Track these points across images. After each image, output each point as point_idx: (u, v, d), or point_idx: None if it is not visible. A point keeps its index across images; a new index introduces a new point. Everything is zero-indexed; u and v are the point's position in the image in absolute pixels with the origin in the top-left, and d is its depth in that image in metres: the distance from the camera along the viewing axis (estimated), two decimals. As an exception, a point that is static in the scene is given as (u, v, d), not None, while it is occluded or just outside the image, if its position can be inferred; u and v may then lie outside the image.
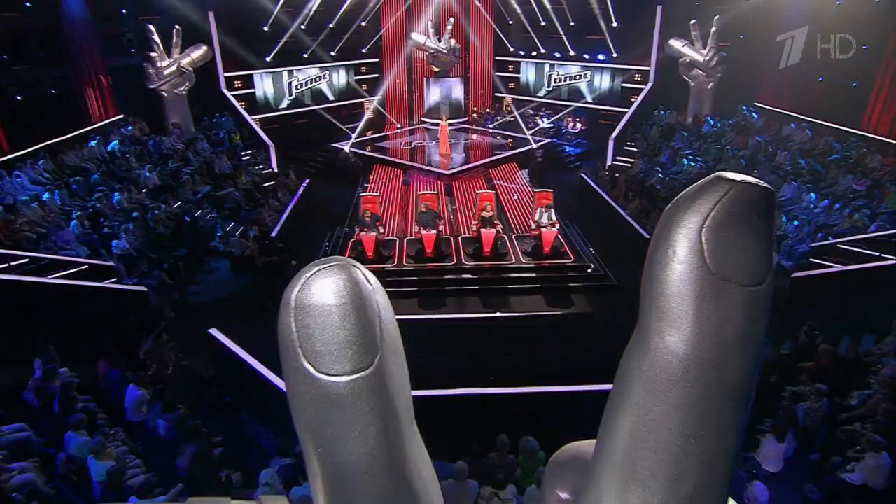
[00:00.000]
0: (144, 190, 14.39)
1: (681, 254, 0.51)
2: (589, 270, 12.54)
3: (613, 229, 14.59)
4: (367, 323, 0.54)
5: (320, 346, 0.53)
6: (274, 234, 13.88)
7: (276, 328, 0.54)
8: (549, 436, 7.07)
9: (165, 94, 17.56)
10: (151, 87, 17.24)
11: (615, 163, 18.89)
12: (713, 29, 17.28)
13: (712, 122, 17.70)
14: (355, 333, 0.54)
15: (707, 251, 0.50)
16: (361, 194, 14.17)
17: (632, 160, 18.11)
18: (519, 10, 22.18)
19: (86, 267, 10.29)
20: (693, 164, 16.01)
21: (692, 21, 17.65)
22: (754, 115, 17.35)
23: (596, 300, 11.75)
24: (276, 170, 18.63)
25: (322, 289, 0.54)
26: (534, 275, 12.48)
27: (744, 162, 15.07)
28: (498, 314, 11.19)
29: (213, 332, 9.17)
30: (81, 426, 6.17)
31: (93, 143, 15.00)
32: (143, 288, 10.07)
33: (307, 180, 17.34)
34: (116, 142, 15.49)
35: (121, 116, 17.24)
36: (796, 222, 12.06)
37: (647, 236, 13.34)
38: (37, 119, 14.50)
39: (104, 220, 12.52)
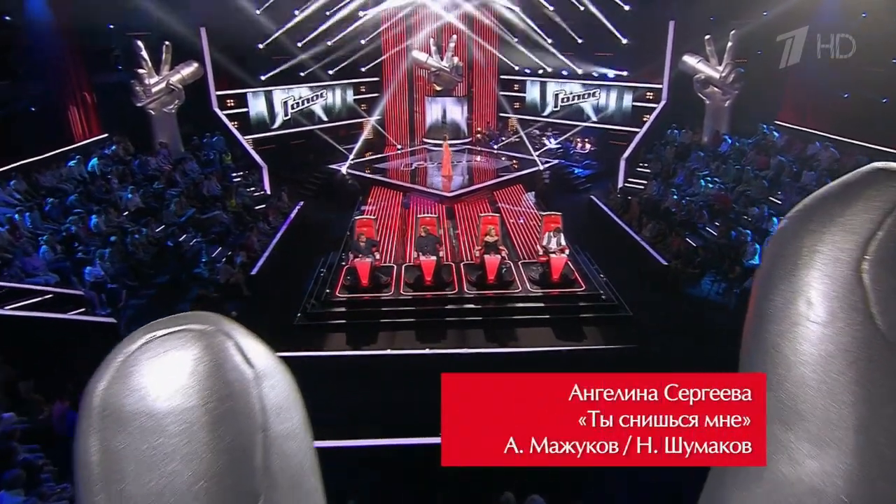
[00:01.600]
0: (126, 213, 13.82)
1: (821, 306, 0.30)
2: (602, 300, 11.83)
3: (627, 255, 14.01)
4: (235, 447, 0.30)
5: (140, 494, 0.29)
6: (263, 259, 13.28)
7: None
8: (559, 494, 6.36)
9: (153, 113, 17.14)
10: (139, 105, 16.84)
11: (627, 185, 18.35)
12: (729, 44, 16.80)
13: (730, 141, 17.13)
14: (209, 468, 0.29)
15: (874, 301, 0.30)
16: (356, 217, 13.56)
17: (645, 182, 17.60)
18: (525, 28, 21.84)
19: (50, 296, 9.61)
20: (711, 185, 15.40)
21: (707, 36, 17.21)
22: (775, 133, 16.75)
23: (610, 333, 11.02)
24: (268, 192, 18.12)
25: (151, 380, 0.31)
26: (542, 305, 11.80)
27: (766, 183, 14.46)
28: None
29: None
30: (18, 484, 5.44)
31: (72, 162, 14.46)
32: (111, 320, 9.35)
33: (301, 203, 16.86)
34: (95, 159, 14.92)
35: (105, 135, 16.73)
36: (827, 248, 11.32)
37: (664, 262, 12.78)
38: (14, 137, 13.97)
39: (78, 245, 11.90)
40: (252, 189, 17.80)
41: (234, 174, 17.95)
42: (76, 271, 11.01)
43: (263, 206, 16.33)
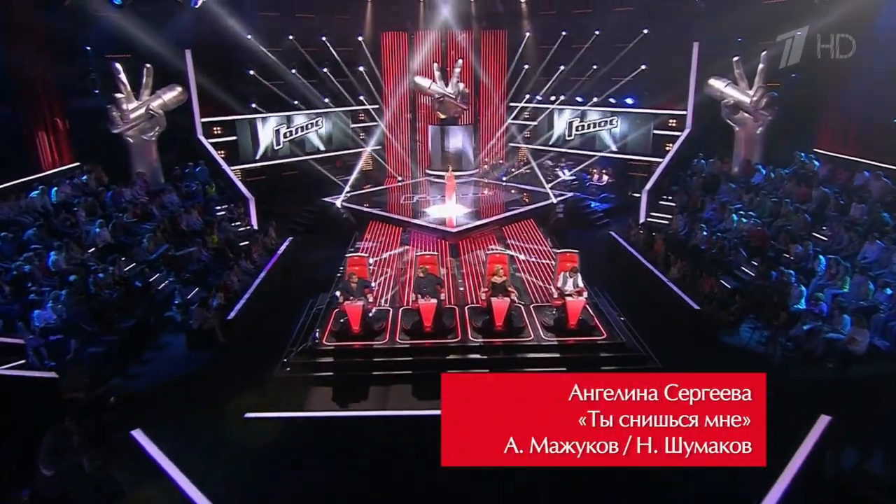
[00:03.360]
0: (92, 249, 12.97)
1: None
2: (626, 349, 10.78)
3: (652, 298, 13.16)
4: None
5: None
6: (242, 302, 12.35)
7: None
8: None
9: (131, 140, 16.61)
10: (115, 131, 16.25)
11: (650, 219, 17.62)
12: (760, 66, 16.16)
13: (764, 172, 16.24)
14: None
15: None
16: (347, 255, 12.65)
17: (669, 216, 16.80)
18: (535, 51, 21.46)
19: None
20: (745, 219, 14.43)
21: (735, 58, 16.57)
22: (815, 162, 15.86)
23: (637, 389, 9.90)
24: (255, 227, 17.37)
25: None
26: (557, 355, 10.74)
27: (809, 217, 13.46)
28: None
29: (137, 434, 7.44)
30: None
31: (34, 193, 13.70)
32: (51, 374, 8.35)
33: (289, 239, 16.08)
34: (54, 189, 14.18)
35: (76, 164, 16.08)
36: (889, 291, 10.28)
37: (695, 306, 11.76)
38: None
39: (32, 285, 11.00)
40: (237, 223, 17.02)
41: (218, 207, 17.25)
42: (24, 315, 10.05)
43: (246, 242, 15.44)
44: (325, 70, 21.02)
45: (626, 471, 5.64)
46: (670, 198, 17.82)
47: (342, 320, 11.18)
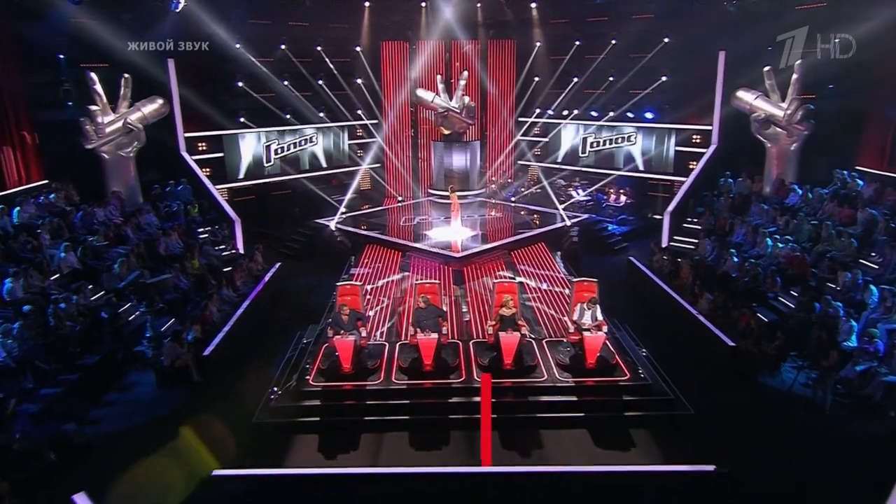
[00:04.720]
0: (56, 276, 12.24)
1: None
2: (653, 393, 9.91)
3: (680, 333, 12.41)
4: None
5: None
6: (221, 335, 11.63)
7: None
8: None
9: (107, 156, 16.05)
10: (89, 147, 15.68)
11: (673, 244, 17.03)
12: (794, 76, 15.52)
13: (801, 192, 15.52)
14: None
15: None
16: (338, 283, 11.90)
17: (695, 240, 16.19)
18: (546, 61, 21.25)
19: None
20: (781, 244, 13.66)
21: (766, 68, 15.99)
22: (859, 181, 15.11)
23: (668, 440, 9.03)
24: (241, 250, 16.71)
25: None
26: (574, 398, 9.88)
27: (855, 242, 12.64)
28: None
29: (80, 499, 6.58)
30: None
31: (-6, 214, 13.05)
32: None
33: (278, 264, 15.51)
34: (17, 209, 13.53)
35: (45, 182, 15.56)
36: (956, 327, 9.45)
37: (730, 343, 10.93)
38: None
39: (-17, 318, 10.24)
40: (221, 247, 16.35)
41: (201, 229, 16.68)
42: (-31, 352, 9.29)
43: (230, 268, 14.73)
44: (319, 82, 20.68)
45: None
46: (695, 220, 17.29)
47: (336, 354, 10.38)
